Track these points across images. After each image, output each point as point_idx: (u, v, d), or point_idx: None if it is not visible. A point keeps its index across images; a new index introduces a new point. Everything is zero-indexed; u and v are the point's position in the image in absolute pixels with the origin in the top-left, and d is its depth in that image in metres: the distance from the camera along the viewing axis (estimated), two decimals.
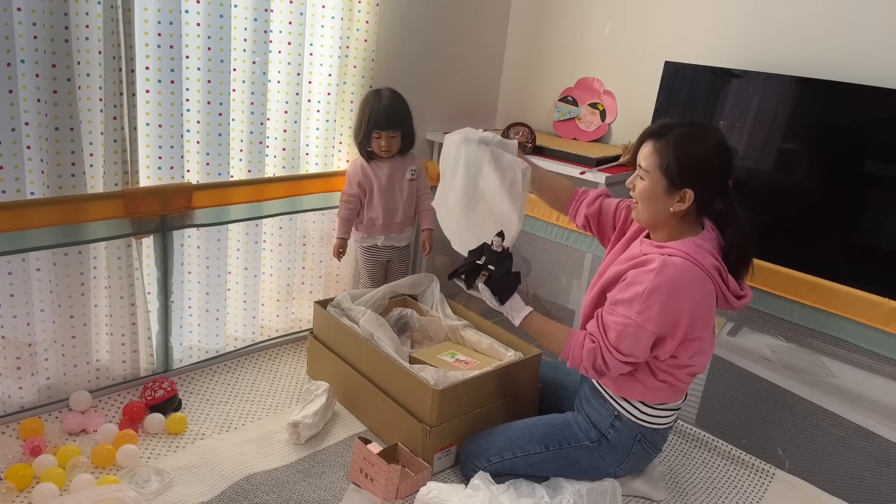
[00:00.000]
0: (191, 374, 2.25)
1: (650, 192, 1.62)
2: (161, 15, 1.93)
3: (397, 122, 2.35)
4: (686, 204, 1.58)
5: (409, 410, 1.88)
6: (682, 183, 1.57)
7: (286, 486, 1.76)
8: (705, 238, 1.63)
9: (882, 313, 1.76)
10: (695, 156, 1.57)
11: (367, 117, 2.32)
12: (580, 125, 2.86)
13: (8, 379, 1.91)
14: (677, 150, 1.57)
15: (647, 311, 1.55)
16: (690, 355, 1.65)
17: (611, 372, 1.64)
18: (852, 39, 2.11)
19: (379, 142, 2.34)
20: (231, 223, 2.26)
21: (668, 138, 1.59)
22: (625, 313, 1.58)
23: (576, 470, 1.78)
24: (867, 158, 2.00)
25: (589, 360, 1.64)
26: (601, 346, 1.63)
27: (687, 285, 1.56)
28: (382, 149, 2.36)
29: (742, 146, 2.21)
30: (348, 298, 2.27)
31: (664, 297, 1.54)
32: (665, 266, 1.55)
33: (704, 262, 1.58)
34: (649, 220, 1.67)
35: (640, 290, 1.56)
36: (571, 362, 1.68)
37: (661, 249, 1.61)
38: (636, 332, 1.57)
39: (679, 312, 1.56)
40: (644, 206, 1.65)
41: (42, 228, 1.81)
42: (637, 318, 1.56)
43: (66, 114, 1.80)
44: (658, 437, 1.77)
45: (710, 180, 1.59)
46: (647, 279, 1.56)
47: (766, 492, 1.94)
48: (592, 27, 2.80)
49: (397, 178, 2.45)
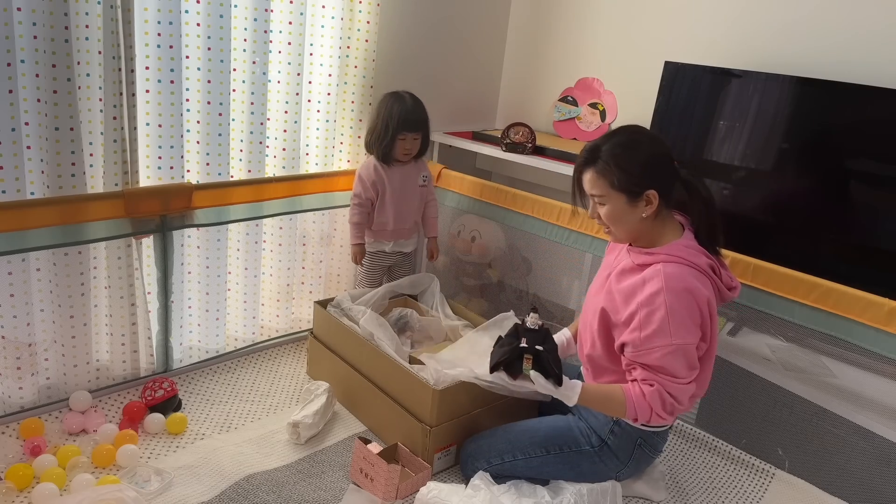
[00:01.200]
0: (191, 374, 2.25)
1: (616, 212, 1.63)
2: (161, 15, 1.93)
3: (423, 124, 2.34)
4: (654, 205, 1.60)
5: (409, 410, 1.88)
6: (641, 188, 1.59)
7: (286, 486, 1.76)
8: (689, 238, 1.66)
9: (882, 313, 1.76)
10: (633, 158, 1.59)
11: (395, 119, 2.27)
12: (580, 125, 2.86)
13: (8, 379, 1.91)
14: (618, 163, 1.58)
15: (679, 327, 1.55)
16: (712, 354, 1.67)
17: (682, 404, 1.59)
18: (852, 39, 2.11)
19: (404, 144, 2.31)
20: (231, 223, 2.26)
21: (602, 159, 1.60)
22: (663, 343, 1.55)
23: (577, 474, 1.77)
24: (867, 158, 2.00)
25: (658, 404, 1.57)
26: (662, 384, 1.57)
27: (695, 288, 1.57)
28: (406, 151, 2.33)
29: (742, 146, 2.21)
30: (348, 298, 2.27)
31: (682, 306, 1.55)
32: (669, 279, 1.56)
33: (699, 262, 1.60)
34: (628, 236, 1.69)
35: (664, 314, 1.55)
36: (642, 417, 1.59)
37: (654, 257, 1.62)
38: (684, 352, 1.56)
39: (697, 309, 1.57)
40: (617, 227, 1.66)
41: (42, 228, 1.81)
42: (676, 340, 1.55)
43: (66, 114, 1.80)
44: (658, 439, 1.77)
45: (662, 172, 1.62)
46: (660, 301, 1.55)
47: (766, 492, 1.94)
48: (592, 27, 2.80)
49: (410, 182, 2.42)
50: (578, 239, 2.33)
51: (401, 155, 2.34)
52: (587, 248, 2.33)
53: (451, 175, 2.68)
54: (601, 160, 1.60)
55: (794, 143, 2.13)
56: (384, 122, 2.30)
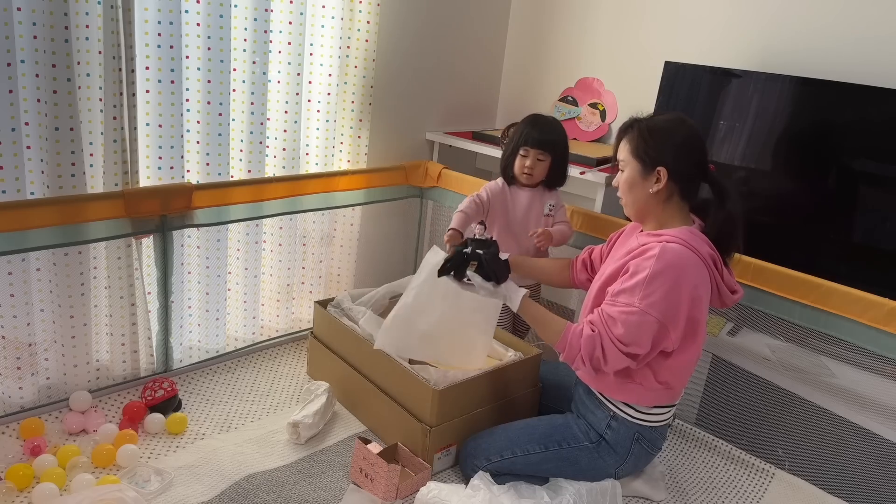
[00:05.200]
0: (191, 374, 2.25)
1: (629, 180, 1.69)
2: (161, 15, 1.93)
3: (550, 144, 2.11)
4: (662, 183, 1.64)
5: (409, 410, 1.88)
6: (653, 161, 1.64)
7: (286, 486, 1.77)
8: (699, 229, 1.68)
9: (882, 313, 1.76)
10: (657, 131, 1.66)
11: (519, 133, 2.12)
12: (580, 125, 2.86)
13: (8, 379, 1.91)
14: (641, 131, 1.67)
15: (650, 296, 1.56)
16: (694, 350, 1.66)
17: (608, 364, 1.60)
18: (852, 39, 2.11)
19: (523, 161, 2.11)
20: (231, 223, 2.26)
21: (635, 127, 1.69)
22: (627, 301, 1.58)
23: (575, 470, 1.78)
24: (867, 158, 2.00)
25: (588, 348, 1.60)
26: (602, 334, 1.60)
27: (686, 271, 1.58)
28: (525, 169, 2.11)
29: (742, 146, 2.21)
30: (348, 298, 2.26)
31: (666, 282, 1.56)
32: (665, 252, 1.57)
33: (701, 249, 1.61)
34: (635, 209, 1.72)
35: (643, 277, 1.57)
36: (567, 353, 1.64)
37: (659, 237, 1.63)
38: (640, 321, 1.56)
39: (680, 299, 1.57)
40: (627, 196, 1.72)
41: (42, 228, 1.81)
42: (640, 305, 1.56)
43: (66, 114, 1.80)
44: (656, 434, 1.77)
45: (680, 157, 1.64)
46: (648, 265, 1.57)
47: (766, 492, 1.94)
48: (592, 27, 2.80)
49: (534, 212, 2.19)
50: (578, 239, 2.33)
51: (520, 173, 2.13)
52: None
53: (451, 175, 2.68)
54: (633, 128, 1.69)
55: (794, 144, 2.13)
56: (512, 136, 2.17)
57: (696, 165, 1.67)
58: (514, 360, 2.02)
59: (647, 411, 1.72)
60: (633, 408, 1.72)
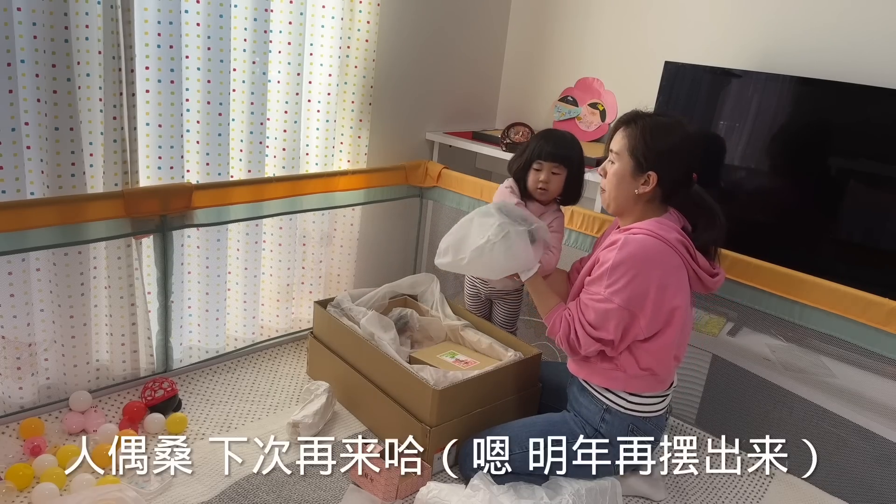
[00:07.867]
0: (191, 374, 2.25)
1: (619, 174, 1.71)
2: (161, 15, 1.93)
3: (566, 158, 2.01)
4: (650, 187, 1.68)
5: (409, 410, 1.88)
6: (648, 166, 1.67)
7: (286, 486, 1.76)
8: (669, 218, 1.72)
9: (882, 313, 1.76)
10: (659, 136, 1.67)
11: (532, 147, 2.02)
12: (580, 125, 2.86)
13: (8, 379, 1.91)
14: (645, 134, 1.68)
15: (614, 285, 1.63)
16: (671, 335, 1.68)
17: (581, 348, 1.71)
18: (852, 39, 2.11)
19: (537, 175, 2.01)
20: (231, 223, 2.26)
21: (638, 124, 1.69)
22: (595, 290, 1.68)
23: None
24: (867, 158, 2.00)
25: (564, 330, 1.74)
26: (576, 318, 1.72)
27: (650, 258, 1.63)
28: (540, 184, 2.01)
29: (742, 146, 2.21)
30: (348, 298, 2.26)
31: (628, 270, 1.62)
32: (627, 242, 1.64)
33: (668, 236, 1.65)
34: (615, 204, 1.75)
35: (607, 267, 1.65)
36: (551, 329, 1.79)
37: (628, 231, 1.69)
38: (605, 308, 1.65)
39: (646, 286, 1.62)
40: (611, 189, 1.74)
41: (42, 228, 1.81)
42: (605, 293, 1.65)
43: (66, 114, 1.80)
44: (651, 425, 1.78)
45: (674, 166, 1.68)
46: (611, 256, 1.64)
47: (766, 492, 1.94)
48: (592, 27, 2.80)
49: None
50: (578, 238, 2.33)
51: (535, 188, 2.03)
52: (587, 248, 2.33)
53: (451, 175, 2.68)
54: (635, 124, 1.70)
55: (794, 144, 2.13)
56: (525, 148, 2.07)
57: (686, 175, 1.72)
58: (513, 361, 2.02)
59: (638, 401, 1.74)
60: (625, 398, 1.74)
